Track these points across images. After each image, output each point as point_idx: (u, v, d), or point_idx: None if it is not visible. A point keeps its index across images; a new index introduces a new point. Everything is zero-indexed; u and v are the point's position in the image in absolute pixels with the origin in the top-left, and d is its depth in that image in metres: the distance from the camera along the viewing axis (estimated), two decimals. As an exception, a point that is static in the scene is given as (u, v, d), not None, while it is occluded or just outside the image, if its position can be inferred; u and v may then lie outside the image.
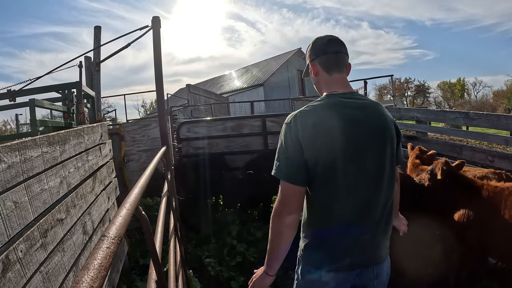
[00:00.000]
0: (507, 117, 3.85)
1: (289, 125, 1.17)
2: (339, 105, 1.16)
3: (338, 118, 1.13)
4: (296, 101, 14.96)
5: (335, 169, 1.13)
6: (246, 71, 23.70)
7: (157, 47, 3.12)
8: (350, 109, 1.16)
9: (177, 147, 4.98)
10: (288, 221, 1.15)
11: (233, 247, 3.53)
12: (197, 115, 11.41)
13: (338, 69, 1.24)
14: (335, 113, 1.14)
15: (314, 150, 1.11)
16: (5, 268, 1.11)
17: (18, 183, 1.32)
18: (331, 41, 1.25)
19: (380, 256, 1.25)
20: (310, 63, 1.31)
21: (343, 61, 1.25)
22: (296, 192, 1.15)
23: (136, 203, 0.85)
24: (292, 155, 1.14)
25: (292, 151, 1.14)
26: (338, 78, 1.24)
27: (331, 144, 1.11)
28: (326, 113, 1.15)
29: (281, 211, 1.16)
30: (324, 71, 1.25)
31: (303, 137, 1.12)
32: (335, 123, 1.12)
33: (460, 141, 6.24)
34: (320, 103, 1.19)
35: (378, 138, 1.18)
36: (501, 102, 33.33)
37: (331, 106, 1.16)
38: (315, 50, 1.27)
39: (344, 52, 1.25)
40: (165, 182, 2.35)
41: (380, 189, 1.20)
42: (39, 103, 3.39)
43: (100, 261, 0.48)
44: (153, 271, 1.11)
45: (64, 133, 1.94)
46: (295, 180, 1.14)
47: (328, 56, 1.24)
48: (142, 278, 2.94)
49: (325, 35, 1.29)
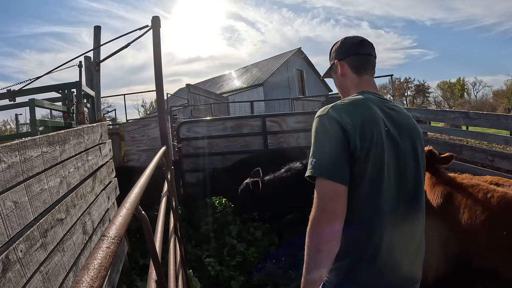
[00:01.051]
0: (507, 116, 3.85)
1: (328, 115, 1.03)
2: (376, 102, 1.10)
3: (379, 113, 1.06)
4: (296, 101, 14.96)
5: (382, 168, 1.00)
6: (246, 71, 23.69)
7: (157, 47, 3.12)
8: (386, 108, 1.10)
9: (177, 147, 4.98)
10: (329, 233, 0.94)
11: (233, 247, 3.53)
12: (197, 115, 11.41)
13: (367, 70, 1.20)
14: (374, 107, 1.07)
15: (363, 142, 0.98)
16: (5, 268, 1.11)
17: (18, 183, 1.32)
18: (363, 42, 1.20)
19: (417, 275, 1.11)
20: (338, 62, 1.22)
21: (373, 64, 1.22)
22: (340, 192, 0.96)
23: (136, 203, 0.85)
24: (334, 147, 0.98)
25: (334, 141, 0.99)
26: (368, 80, 1.20)
27: (379, 138, 1.01)
28: (367, 106, 1.06)
29: (321, 220, 0.95)
30: (354, 72, 1.20)
31: (350, 124, 0.99)
32: (377, 116, 1.04)
33: (460, 140, 6.24)
34: (356, 97, 1.11)
35: (413, 143, 1.10)
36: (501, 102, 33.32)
37: (369, 100, 1.09)
38: (345, 50, 1.21)
39: (374, 55, 1.21)
40: (165, 182, 2.35)
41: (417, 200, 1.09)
42: (39, 103, 3.39)
43: (100, 261, 0.48)
44: (153, 271, 1.11)
45: (64, 133, 1.94)
46: (339, 177, 0.96)
47: (359, 57, 1.19)
48: (142, 278, 2.94)
49: (355, 36, 1.23)
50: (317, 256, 0.95)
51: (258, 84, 19.07)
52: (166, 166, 2.54)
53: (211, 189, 4.55)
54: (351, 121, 1.00)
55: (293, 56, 21.24)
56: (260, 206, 3.79)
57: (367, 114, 1.04)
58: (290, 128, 5.06)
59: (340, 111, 1.03)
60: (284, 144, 5.02)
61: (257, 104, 14.43)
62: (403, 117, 1.12)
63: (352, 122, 1.00)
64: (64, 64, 4.09)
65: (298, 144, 5.03)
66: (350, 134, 0.99)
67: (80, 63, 4.03)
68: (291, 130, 5.05)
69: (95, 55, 5.12)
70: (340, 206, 0.96)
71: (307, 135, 5.06)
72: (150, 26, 3.17)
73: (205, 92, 14.44)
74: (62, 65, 4.12)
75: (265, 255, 3.37)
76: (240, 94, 19.41)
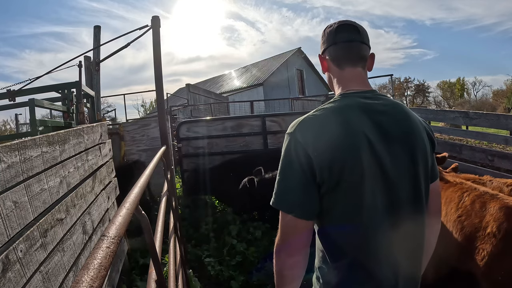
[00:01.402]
0: (507, 116, 3.85)
1: (292, 136, 0.89)
2: (359, 107, 0.90)
3: (359, 125, 0.87)
4: (295, 100, 14.96)
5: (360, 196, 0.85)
6: (245, 70, 23.69)
7: (157, 46, 3.12)
8: (372, 113, 0.90)
9: (176, 147, 4.98)
10: (290, 263, 0.91)
11: (233, 246, 3.53)
12: (197, 114, 11.41)
13: (351, 62, 0.98)
14: (355, 118, 0.88)
15: (332, 169, 0.83)
16: (5, 268, 1.11)
17: (18, 183, 1.32)
18: (341, 27, 0.98)
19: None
20: (319, 56, 1.06)
21: (357, 52, 0.98)
22: (300, 227, 0.88)
23: (136, 203, 0.85)
24: (298, 178, 0.85)
25: (299, 171, 0.85)
26: (352, 74, 0.98)
27: (356, 161, 0.84)
28: (343, 118, 0.88)
29: (281, 250, 0.91)
30: (335, 65, 1.00)
31: (316, 152, 0.84)
32: (355, 133, 0.86)
33: (459, 140, 6.24)
34: (333, 105, 0.92)
35: (411, 152, 0.90)
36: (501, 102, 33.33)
37: (348, 108, 0.90)
38: (325, 40, 1.03)
39: (358, 40, 0.97)
40: (165, 182, 2.35)
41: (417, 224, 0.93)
42: (38, 103, 3.39)
43: (100, 261, 0.48)
44: (153, 270, 1.11)
45: (64, 133, 1.94)
46: (300, 212, 0.87)
47: (337, 46, 0.98)
48: (142, 278, 2.94)
49: (336, 21, 1.02)
50: (281, 279, 0.94)
51: (258, 84, 19.07)
52: (166, 166, 2.54)
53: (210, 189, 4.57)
54: (318, 145, 0.85)
55: (293, 56, 21.24)
56: (257, 204, 3.80)
57: (340, 134, 0.85)
58: (290, 128, 5.05)
59: (307, 130, 0.88)
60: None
61: (257, 104, 14.43)
62: (396, 121, 0.91)
63: (318, 147, 0.84)
64: (64, 64, 4.09)
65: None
66: (315, 163, 0.84)
67: (80, 63, 4.03)
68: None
69: (95, 55, 5.12)
70: (301, 240, 0.89)
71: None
72: (150, 26, 3.17)
73: (205, 92, 14.44)
74: (62, 65, 4.12)
75: (265, 255, 3.37)
76: (240, 94, 19.41)
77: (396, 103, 0.97)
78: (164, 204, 1.90)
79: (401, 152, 0.89)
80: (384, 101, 0.94)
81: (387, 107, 0.93)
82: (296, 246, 0.90)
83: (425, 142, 0.95)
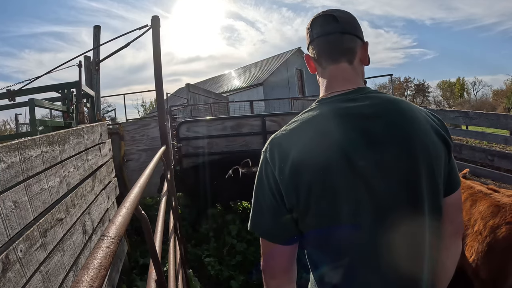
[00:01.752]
0: (507, 116, 3.86)
1: (264, 155, 0.81)
2: (336, 115, 0.76)
3: (334, 138, 0.73)
4: (295, 100, 14.96)
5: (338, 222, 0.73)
6: (245, 70, 23.68)
7: (157, 46, 3.12)
8: (356, 119, 0.74)
9: (176, 147, 4.98)
10: (274, 285, 0.85)
11: (233, 246, 3.53)
12: (197, 114, 11.41)
13: (331, 58, 0.83)
14: (329, 130, 0.74)
15: (299, 195, 0.73)
16: (5, 268, 1.11)
17: (18, 183, 1.32)
18: (316, 20, 0.86)
19: None
20: (305, 57, 0.93)
21: (338, 45, 0.83)
22: (279, 253, 0.81)
23: (136, 203, 0.85)
24: (268, 202, 0.78)
25: (269, 195, 0.78)
26: (334, 72, 0.84)
27: (327, 184, 0.71)
28: (315, 132, 0.75)
29: (264, 271, 0.86)
30: (318, 65, 0.88)
31: (282, 175, 0.75)
32: (327, 149, 0.72)
33: (459, 140, 6.24)
34: (306, 115, 0.80)
35: (408, 162, 0.73)
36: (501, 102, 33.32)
37: (322, 119, 0.76)
38: (307, 38, 0.90)
39: (339, 31, 0.82)
40: (165, 182, 2.35)
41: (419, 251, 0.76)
42: (38, 103, 3.39)
43: (100, 261, 0.48)
44: (153, 270, 1.11)
45: (64, 132, 1.94)
46: (275, 237, 0.79)
47: (315, 43, 0.86)
48: (142, 278, 2.94)
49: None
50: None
51: (257, 83, 19.06)
52: (166, 165, 2.54)
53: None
54: (282, 167, 0.75)
55: (292, 56, 21.23)
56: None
57: (308, 152, 0.73)
58: (290, 128, 5.06)
59: (274, 149, 0.78)
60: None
61: (257, 104, 14.42)
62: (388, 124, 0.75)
63: (282, 169, 0.75)
64: (63, 64, 4.09)
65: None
66: (281, 187, 0.75)
67: (79, 63, 4.03)
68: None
69: (94, 54, 5.12)
70: (281, 264, 0.82)
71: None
72: (150, 25, 3.17)
73: (204, 92, 14.44)
74: (62, 65, 4.12)
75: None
76: (240, 94, 19.40)
77: (389, 100, 0.79)
78: (164, 204, 1.90)
79: (394, 163, 0.72)
80: (373, 101, 0.77)
81: (376, 108, 0.76)
82: (277, 270, 0.83)
83: (434, 146, 0.76)
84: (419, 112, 0.80)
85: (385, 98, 0.80)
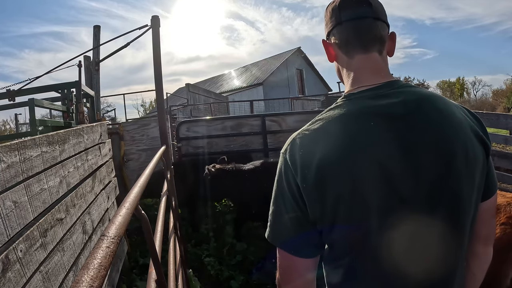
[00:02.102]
0: (507, 116, 3.86)
1: (283, 158, 0.74)
2: (368, 115, 0.68)
3: (368, 142, 0.65)
4: (295, 100, 14.97)
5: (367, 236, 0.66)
6: (245, 70, 23.69)
7: (157, 46, 3.11)
8: (388, 120, 0.67)
9: (176, 147, 4.98)
10: None
11: (233, 246, 3.53)
12: (197, 114, 11.41)
13: (362, 46, 0.74)
14: (362, 132, 0.66)
15: (324, 207, 0.66)
16: (5, 268, 1.11)
17: (18, 183, 1.32)
18: (346, 1, 0.75)
19: None
20: (323, 42, 0.82)
21: (370, 31, 0.74)
22: (299, 267, 0.73)
23: (136, 203, 0.85)
24: (290, 210, 0.70)
25: (291, 203, 0.70)
26: (363, 63, 0.75)
27: (357, 195, 0.64)
28: (343, 135, 0.66)
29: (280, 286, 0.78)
30: (343, 53, 0.77)
31: (305, 183, 0.67)
32: (358, 155, 0.65)
33: (459, 140, 6.23)
34: (333, 113, 0.71)
35: (445, 168, 0.66)
36: (501, 101, 33.31)
37: (351, 119, 0.68)
38: (327, 21, 0.79)
39: (371, 16, 0.73)
40: (165, 182, 2.35)
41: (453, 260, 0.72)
42: (38, 103, 3.39)
43: (100, 261, 0.48)
44: (153, 270, 1.11)
45: (64, 132, 1.94)
46: (297, 250, 0.72)
47: (343, 27, 0.75)
48: (142, 278, 2.94)
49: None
50: None
51: (257, 83, 19.07)
52: (165, 165, 2.54)
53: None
54: (306, 174, 0.67)
55: (292, 56, 21.23)
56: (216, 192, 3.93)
57: (336, 159, 0.65)
58: (290, 128, 5.07)
59: (296, 152, 0.70)
60: (284, 143, 5.03)
61: (257, 104, 14.43)
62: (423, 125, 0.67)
63: (306, 177, 0.67)
64: (63, 64, 4.10)
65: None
66: (304, 196, 0.68)
67: (79, 63, 4.04)
68: (290, 129, 5.07)
69: (94, 54, 5.12)
70: (301, 281, 0.74)
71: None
72: (150, 25, 3.17)
73: (204, 92, 14.44)
74: (62, 65, 4.13)
75: (265, 254, 3.38)
76: (240, 94, 19.41)
77: (425, 97, 0.70)
78: (164, 203, 1.90)
79: (431, 170, 0.65)
80: (407, 97, 0.69)
81: (410, 107, 0.68)
82: (297, 285, 0.75)
83: (474, 150, 0.68)
84: (458, 110, 0.72)
85: (420, 94, 0.71)
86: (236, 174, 3.60)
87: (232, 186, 3.58)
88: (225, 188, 3.63)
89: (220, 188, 3.66)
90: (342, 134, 0.67)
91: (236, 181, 3.56)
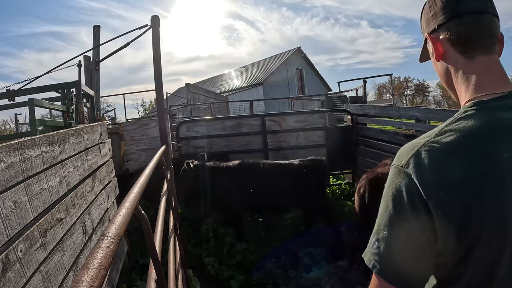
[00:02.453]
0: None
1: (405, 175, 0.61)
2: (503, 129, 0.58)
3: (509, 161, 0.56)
4: (295, 100, 14.97)
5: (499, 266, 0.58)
6: (245, 70, 23.68)
7: (156, 46, 3.11)
8: None
9: (176, 146, 4.98)
10: None
11: (232, 246, 3.53)
12: (197, 114, 11.40)
13: (485, 46, 0.64)
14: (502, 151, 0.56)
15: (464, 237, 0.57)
16: (5, 268, 1.11)
17: (18, 183, 1.32)
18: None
19: None
20: (429, 36, 0.71)
21: (492, 29, 0.65)
22: None
23: (135, 203, 0.85)
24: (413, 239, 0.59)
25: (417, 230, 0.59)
26: (486, 65, 0.65)
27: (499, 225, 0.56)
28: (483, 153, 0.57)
29: None
30: (458, 52, 0.66)
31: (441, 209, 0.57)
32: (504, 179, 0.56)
33: (459, 140, 6.24)
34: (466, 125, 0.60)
35: None
36: (500, 101, 33.37)
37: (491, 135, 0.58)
38: (436, 12, 0.68)
39: (491, 12, 0.65)
40: (165, 182, 2.35)
41: None
42: (38, 103, 3.39)
43: (99, 261, 0.48)
44: (153, 270, 1.11)
45: (64, 132, 1.94)
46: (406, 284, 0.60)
47: (461, 21, 0.64)
48: (142, 278, 2.94)
49: None
50: None
51: (257, 83, 19.07)
52: (165, 165, 2.54)
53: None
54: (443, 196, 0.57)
55: (292, 56, 21.23)
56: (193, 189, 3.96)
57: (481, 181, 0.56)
58: (290, 128, 5.08)
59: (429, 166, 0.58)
60: (284, 143, 5.04)
61: (257, 104, 14.43)
62: None
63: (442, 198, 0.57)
64: (63, 64, 4.09)
65: (298, 143, 5.05)
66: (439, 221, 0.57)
67: (79, 63, 4.04)
68: (290, 129, 5.07)
69: (94, 54, 5.12)
70: None
71: (307, 134, 5.09)
72: (150, 25, 3.17)
73: (204, 92, 14.44)
74: (62, 65, 4.12)
75: (265, 254, 3.38)
76: (240, 94, 19.40)
77: None
78: (164, 203, 1.90)
79: None
80: None
81: None
82: None
83: None
84: None
85: None
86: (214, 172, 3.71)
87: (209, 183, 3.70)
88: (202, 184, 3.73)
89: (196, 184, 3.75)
90: (482, 151, 0.58)
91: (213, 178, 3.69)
